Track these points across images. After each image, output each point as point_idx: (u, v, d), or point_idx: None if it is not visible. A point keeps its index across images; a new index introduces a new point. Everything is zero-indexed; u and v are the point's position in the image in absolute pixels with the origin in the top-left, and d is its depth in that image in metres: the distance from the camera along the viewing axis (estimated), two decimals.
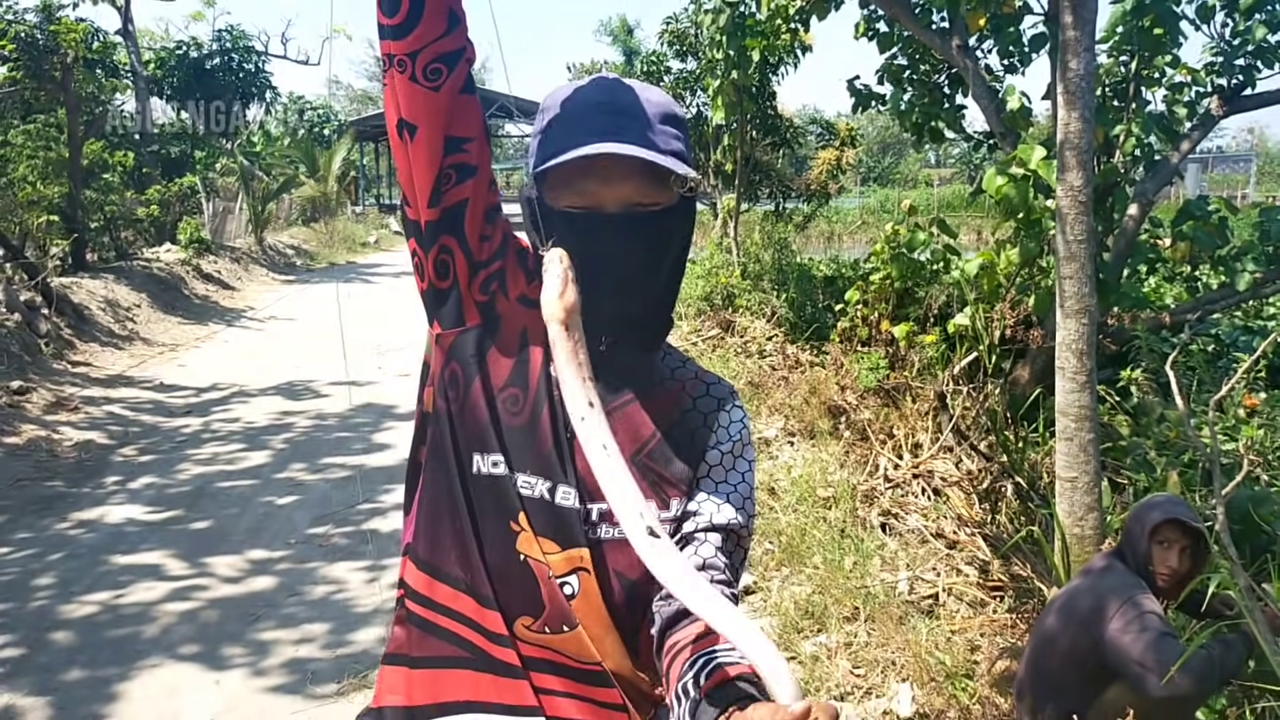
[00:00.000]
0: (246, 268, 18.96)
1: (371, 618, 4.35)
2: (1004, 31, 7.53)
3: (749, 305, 10.29)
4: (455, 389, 1.31)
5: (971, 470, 5.42)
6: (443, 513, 1.31)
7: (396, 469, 6.59)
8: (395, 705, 1.34)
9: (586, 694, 1.28)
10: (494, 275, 1.31)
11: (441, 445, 1.32)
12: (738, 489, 1.34)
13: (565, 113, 1.26)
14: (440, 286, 1.31)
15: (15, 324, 9.69)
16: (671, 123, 1.27)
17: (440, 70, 1.18)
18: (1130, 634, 2.78)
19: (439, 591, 1.32)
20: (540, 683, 1.27)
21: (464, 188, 1.25)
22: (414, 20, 1.16)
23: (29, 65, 12.67)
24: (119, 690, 3.73)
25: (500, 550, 1.27)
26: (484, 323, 1.32)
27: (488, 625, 1.28)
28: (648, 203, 1.25)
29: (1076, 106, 3.36)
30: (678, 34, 13.94)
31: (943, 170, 53.22)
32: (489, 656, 1.29)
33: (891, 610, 3.92)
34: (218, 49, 23.69)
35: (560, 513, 1.27)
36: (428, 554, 1.33)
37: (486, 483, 1.28)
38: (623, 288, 1.27)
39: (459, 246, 1.28)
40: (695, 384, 1.39)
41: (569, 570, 1.26)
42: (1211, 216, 6.84)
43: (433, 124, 1.21)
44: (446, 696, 1.30)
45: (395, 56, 1.18)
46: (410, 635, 1.35)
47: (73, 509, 5.81)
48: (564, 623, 1.26)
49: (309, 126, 35.26)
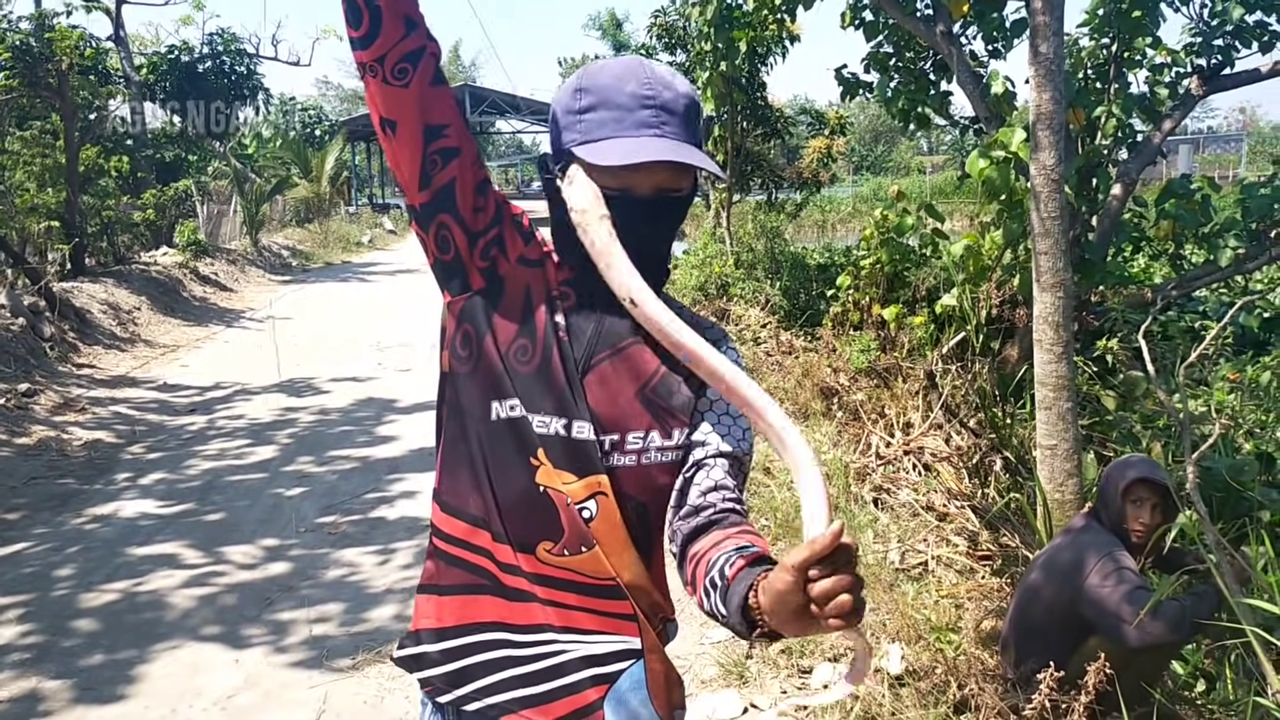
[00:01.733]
0: (243, 269, 19.08)
1: (384, 597, 4.50)
2: (987, 17, 7.67)
3: (743, 294, 10.43)
4: (468, 348, 1.46)
5: (961, 446, 5.58)
6: (461, 461, 1.48)
7: (400, 459, 6.74)
8: (428, 627, 1.53)
9: (601, 608, 1.45)
10: (492, 242, 1.46)
11: (458, 401, 1.48)
12: (737, 420, 1.50)
13: (608, 101, 1.40)
14: (444, 259, 1.46)
15: (20, 328, 9.83)
16: (696, 114, 1.44)
17: (406, 69, 1.33)
18: (1107, 588, 2.94)
19: (460, 529, 1.49)
20: (558, 599, 1.44)
21: (450, 169, 1.40)
22: (375, 29, 1.31)
23: (24, 73, 12.79)
24: (141, 671, 3.88)
25: (521, 484, 1.42)
26: (488, 285, 1.46)
27: (500, 557, 1.46)
28: (673, 188, 1.44)
29: (1048, 88, 3.51)
30: (666, 27, 14.05)
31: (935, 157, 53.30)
32: (501, 584, 1.46)
33: (883, 578, 4.07)
34: (208, 52, 23.76)
35: (577, 445, 1.41)
36: (450, 496, 1.51)
37: (504, 426, 1.43)
38: (647, 257, 1.42)
39: (454, 221, 1.43)
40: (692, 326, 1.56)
41: (587, 496, 1.41)
42: (1194, 194, 6.98)
43: (409, 118, 1.36)
44: (470, 618, 1.49)
45: (366, 63, 1.33)
46: (438, 567, 1.53)
47: (87, 505, 5.95)
48: (582, 544, 1.42)
49: (301, 127, 35.32)
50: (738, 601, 1.20)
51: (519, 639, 1.46)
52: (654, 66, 1.45)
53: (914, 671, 3.35)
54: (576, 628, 1.45)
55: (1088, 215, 6.88)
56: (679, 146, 1.39)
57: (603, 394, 1.44)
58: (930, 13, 7.48)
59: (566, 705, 1.46)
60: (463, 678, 1.49)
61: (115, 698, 3.70)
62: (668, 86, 1.42)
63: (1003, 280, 6.39)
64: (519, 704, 1.47)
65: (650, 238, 1.44)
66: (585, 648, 1.45)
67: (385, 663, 3.88)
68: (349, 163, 35.99)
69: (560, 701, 1.46)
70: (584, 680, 1.45)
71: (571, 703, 1.46)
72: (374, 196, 43.28)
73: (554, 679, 1.46)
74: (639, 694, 1.47)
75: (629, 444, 1.45)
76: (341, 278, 19.89)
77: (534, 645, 1.46)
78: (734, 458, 1.47)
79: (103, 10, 18.49)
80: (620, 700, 1.46)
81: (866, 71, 9.18)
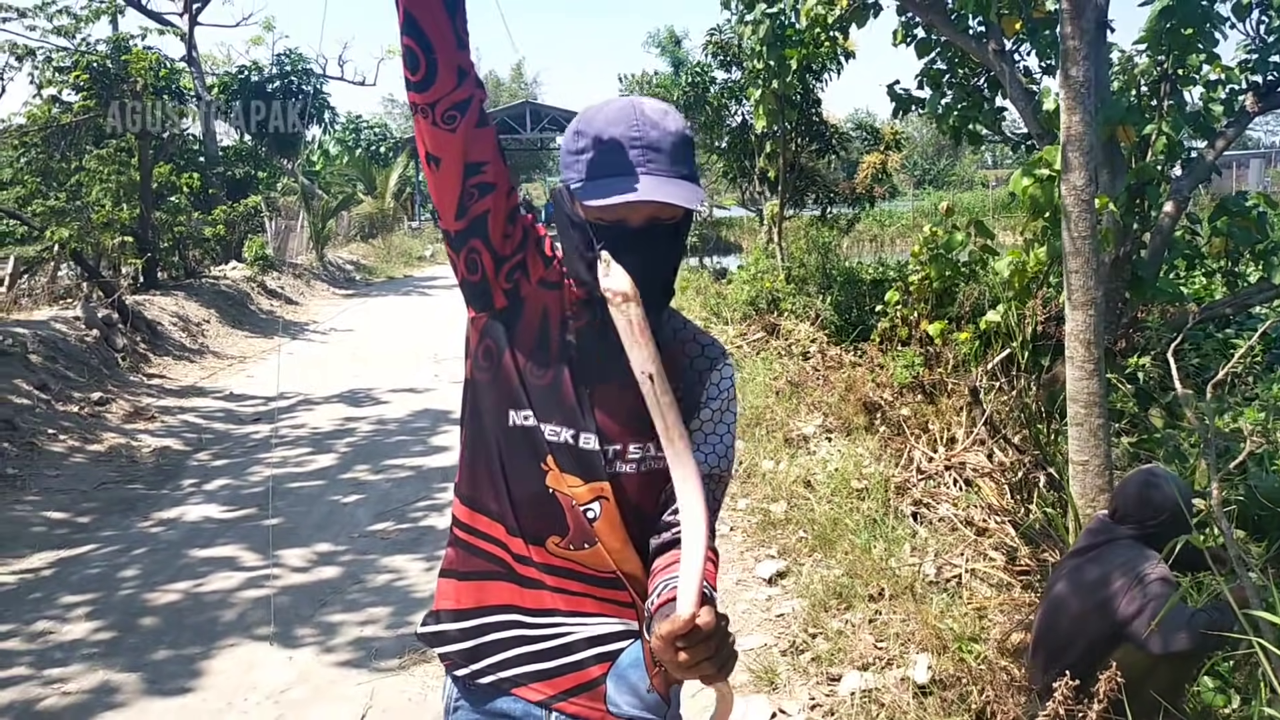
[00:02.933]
0: (308, 283, 19.56)
1: (429, 602, 4.64)
2: (1039, 35, 7.69)
3: (793, 309, 10.50)
4: (489, 360, 1.62)
5: (1004, 462, 5.59)
6: (480, 460, 1.64)
7: (452, 469, 6.88)
8: (448, 608, 1.69)
9: (604, 595, 1.62)
10: (516, 266, 1.60)
11: (479, 406, 1.64)
12: (723, 439, 1.65)
13: (601, 145, 1.53)
14: (471, 279, 1.60)
15: (94, 339, 10.23)
16: (686, 147, 1.56)
17: (455, 116, 1.46)
18: (1133, 594, 2.98)
19: (478, 521, 1.65)
20: (564, 586, 1.61)
21: (485, 201, 1.54)
22: (431, 78, 1.44)
23: (101, 94, 13.31)
24: (202, 666, 4.08)
25: (532, 485, 1.59)
26: (509, 305, 1.60)
27: (513, 548, 1.62)
28: (666, 218, 1.56)
29: (1078, 111, 3.57)
30: (721, 45, 14.19)
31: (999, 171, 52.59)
32: (515, 572, 1.62)
33: (915, 590, 4.14)
34: (277, 72, 24.41)
35: (583, 454, 1.57)
36: (469, 492, 1.66)
37: (519, 433, 1.59)
38: (645, 281, 1.52)
39: (484, 247, 1.57)
40: (692, 344, 1.69)
41: (592, 499, 1.58)
42: (1250, 211, 6.92)
43: (453, 157, 1.50)
44: (486, 601, 1.65)
45: (419, 105, 1.46)
46: (458, 555, 1.69)
47: (153, 509, 6.21)
48: (585, 541, 1.59)
49: (366, 145, 36.01)
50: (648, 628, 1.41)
51: (530, 620, 1.62)
52: (644, 107, 1.56)
53: (939, 681, 3.42)
54: (582, 611, 1.61)
55: (1139, 233, 6.85)
56: (661, 184, 1.50)
57: (608, 408, 1.59)
58: (983, 30, 7.52)
59: (572, 680, 1.62)
60: (478, 654, 1.64)
61: (177, 690, 3.90)
62: (655, 126, 1.53)
63: (1049, 297, 6.39)
64: (529, 678, 1.62)
65: (648, 264, 1.55)
66: (590, 629, 1.62)
67: (430, 663, 4.03)
68: (412, 179, 36.57)
69: (567, 676, 1.62)
70: (589, 658, 1.62)
71: (577, 677, 1.62)
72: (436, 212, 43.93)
73: (561, 656, 1.62)
74: (638, 670, 1.62)
75: (630, 454, 1.60)
76: (403, 291, 20.29)
77: (543, 627, 1.62)
78: (712, 477, 1.62)
79: (176, 34, 19.10)
80: (621, 675, 1.62)
81: (920, 88, 9.23)
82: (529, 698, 1.62)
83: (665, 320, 1.68)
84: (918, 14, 8.09)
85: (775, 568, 4.77)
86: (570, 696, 1.62)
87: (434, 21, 1.41)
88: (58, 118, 13.41)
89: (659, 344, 1.58)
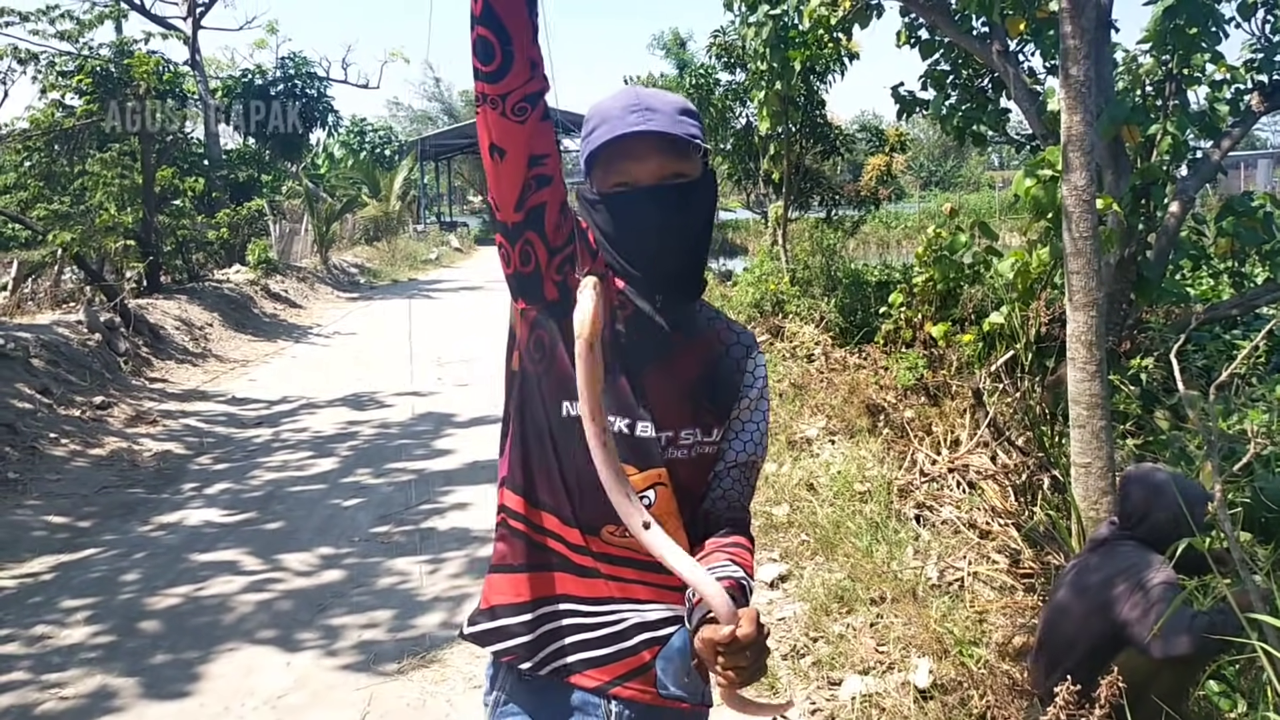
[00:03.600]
0: (312, 286, 19.57)
1: (432, 605, 4.64)
2: (1043, 35, 7.65)
3: (798, 311, 10.47)
4: (541, 351, 1.62)
5: (1008, 464, 5.56)
6: (534, 452, 1.65)
7: (455, 473, 6.91)
8: (506, 602, 1.67)
9: (655, 580, 1.63)
10: (567, 258, 1.60)
11: (531, 398, 1.64)
12: (759, 426, 1.71)
13: (605, 116, 1.59)
14: (524, 271, 1.59)
15: (96, 343, 10.23)
16: (687, 114, 1.60)
17: (525, 109, 1.46)
18: (1136, 602, 2.95)
19: (533, 512, 1.66)
20: (619, 574, 1.64)
21: (543, 193, 1.53)
22: (505, 70, 1.43)
23: (104, 98, 13.32)
24: (200, 671, 4.07)
25: (590, 475, 1.52)
26: (560, 297, 1.59)
27: (568, 538, 1.64)
28: (675, 174, 1.58)
29: (1078, 110, 3.54)
30: (725, 47, 14.16)
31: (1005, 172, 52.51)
32: (570, 561, 1.64)
33: (917, 593, 4.11)
34: (281, 76, 24.44)
35: (639, 442, 1.60)
36: (522, 483, 1.66)
37: (573, 423, 1.56)
38: (664, 248, 1.58)
39: (539, 239, 1.56)
40: (727, 332, 1.73)
41: (648, 485, 1.60)
42: (1255, 212, 6.88)
43: (518, 149, 1.49)
44: (543, 592, 1.66)
45: (488, 96, 1.45)
46: (511, 548, 1.68)
47: (154, 513, 6.20)
48: None
49: (370, 148, 36.06)
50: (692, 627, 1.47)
51: (586, 609, 1.65)
52: (646, 89, 1.64)
53: (940, 685, 3.39)
54: (634, 598, 1.65)
55: (1145, 233, 6.81)
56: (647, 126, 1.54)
57: (659, 395, 1.62)
58: (986, 31, 7.49)
59: (626, 665, 1.65)
60: (540, 644, 1.65)
61: (176, 695, 3.89)
62: (654, 95, 1.60)
63: (1052, 298, 6.36)
64: (585, 665, 1.65)
65: (661, 223, 1.58)
66: (640, 615, 1.65)
67: (430, 667, 4.01)
68: (417, 182, 36.63)
69: (622, 662, 1.65)
70: (640, 643, 1.65)
71: (631, 662, 1.65)
72: (442, 215, 43.99)
73: (617, 643, 1.65)
74: (683, 655, 1.65)
75: (682, 439, 1.63)
76: (408, 294, 20.29)
77: (599, 614, 1.65)
78: (750, 465, 1.70)
79: (179, 37, 19.13)
80: (669, 659, 1.66)
81: (924, 89, 9.20)
82: (585, 685, 1.65)
83: (698, 310, 1.72)
84: (921, 15, 8.06)
85: (777, 571, 4.73)
86: (625, 681, 1.65)
87: (514, 12, 1.41)
88: (61, 122, 13.43)
89: (695, 331, 1.67)
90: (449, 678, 3.95)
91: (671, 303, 1.65)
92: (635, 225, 1.58)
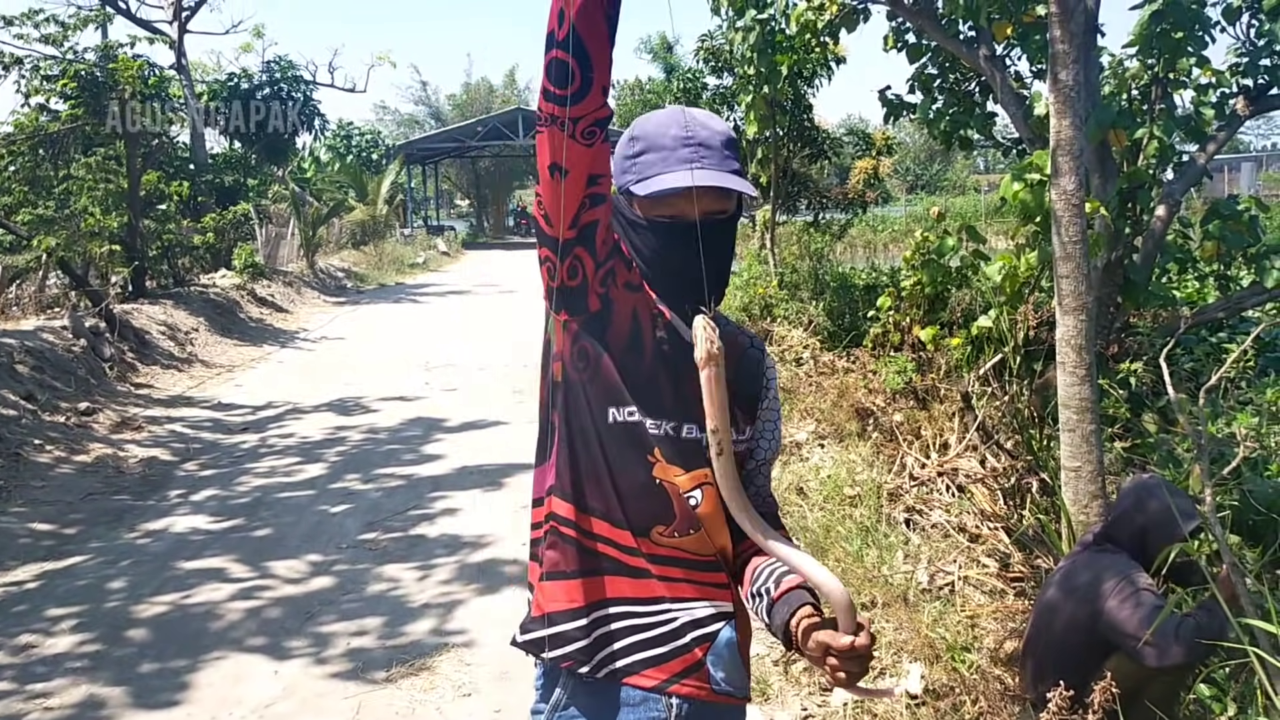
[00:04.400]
0: (299, 291, 19.48)
1: (421, 612, 4.62)
2: (1030, 39, 7.67)
3: (786, 315, 10.47)
4: (585, 360, 1.67)
5: (997, 468, 5.57)
6: (582, 458, 1.69)
7: (443, 478, 6.88)
8: (562, 609, 1.70)
9: (703, 579, 1.70)
10: (609, 271, 1.65)
11: (576, 406, 1.68)
12: (777, 425, 1.83)
13: (654, 144, 1.66)
14: (570, 284, 1.63)
15: (81, 349, 10.17)
16: (732, 148, 1.68)
17: (595, 133, 1.50)
18: (1126, 609, 2.94)
19: (583, 518, 1.69)
20: (668, 574, 1.68)
21: (596, 211, 1.58)
22: (582, 95, 1.45)
23: (89, 102, 13.23)
24: (188, 680, 4.03)
25: (639, 478, 1.67)
26: (603, 308, 1.66)
27: (620, 541, 1.68)
28: (719, 210, 1.67)
29: (1068, 115, 3.55)
30: (713, 51, 14.15)
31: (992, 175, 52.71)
32: (623, 564, 1.69)
33: (908, 598, 4.10)
34: (267, 79, 24.36)
35: (685, 444, 1.67)
36: (571, 489, 1.70)
37: (621, 429, 1.66)
38: (699, 270, 1.64)
39: (588, 254, 1.61)
40: (742, 337, 1.83)
41: (694, 486, 1.67)
42: (1241, 215, 6.90)
43: (581, 169, 1.52)
44: (598, 595, 1.69)
45: (559, 118, 1.47)
46: (564, 555, 1.71)
47: (140, 520, 6.16)
48: (690, 526, 1.68)
49: (357, 152, 35.96)
50: (780, 621, 1.59)
51: (641, 610, 1.68)
52: (692, 111, 1.69)
53: (933, 691, 3.38)
54: (684, 597, 1.69)
55: (1131, 237, 6.84)
56: (713, 174, 1.62)
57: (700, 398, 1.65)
58: (973, 35, 7.51)
59: (680, 663, 1.69)
60: (597, 647, 1.68)
61: (163, 704, 3.86)
62: (704, 126, 1.66)
63: (1040, 302, 6.37)
64: (643, 664, 1.68)
65: (708, 255, 1.65)
66: (690, 613, 1.69)
67: (419, 675, 3.99)
68: (405, 186, 36.51)
69: (677, 660, 1.69)
70: (692, 640, 1.69)
71: (685, 660, 1.69)
72: (429, 219, 43.89)
73: (671, 641, 1.69)
74: (730, 649, 1.71)
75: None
76: (394, 299, 20.24)
77: (653, 614, 1.68)
78: (772, 460, 1.84)
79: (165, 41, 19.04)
80: (718, 654, 1.70)
81: (911, 93, 9.22)
82: (644, 685, 1.68)
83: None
84: (908, 19, 8.08)
85: None
86: (681, 679, 1.68)
87: (600, 42, 1.43)
88: (45, 126, 13.31)
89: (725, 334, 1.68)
90: (438, 685, 3.93)
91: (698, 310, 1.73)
92: (677, 252, 1.65)
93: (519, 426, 8.17)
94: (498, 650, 4.14)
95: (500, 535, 5.64)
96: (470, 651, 4.21)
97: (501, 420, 8.58)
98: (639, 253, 1.69)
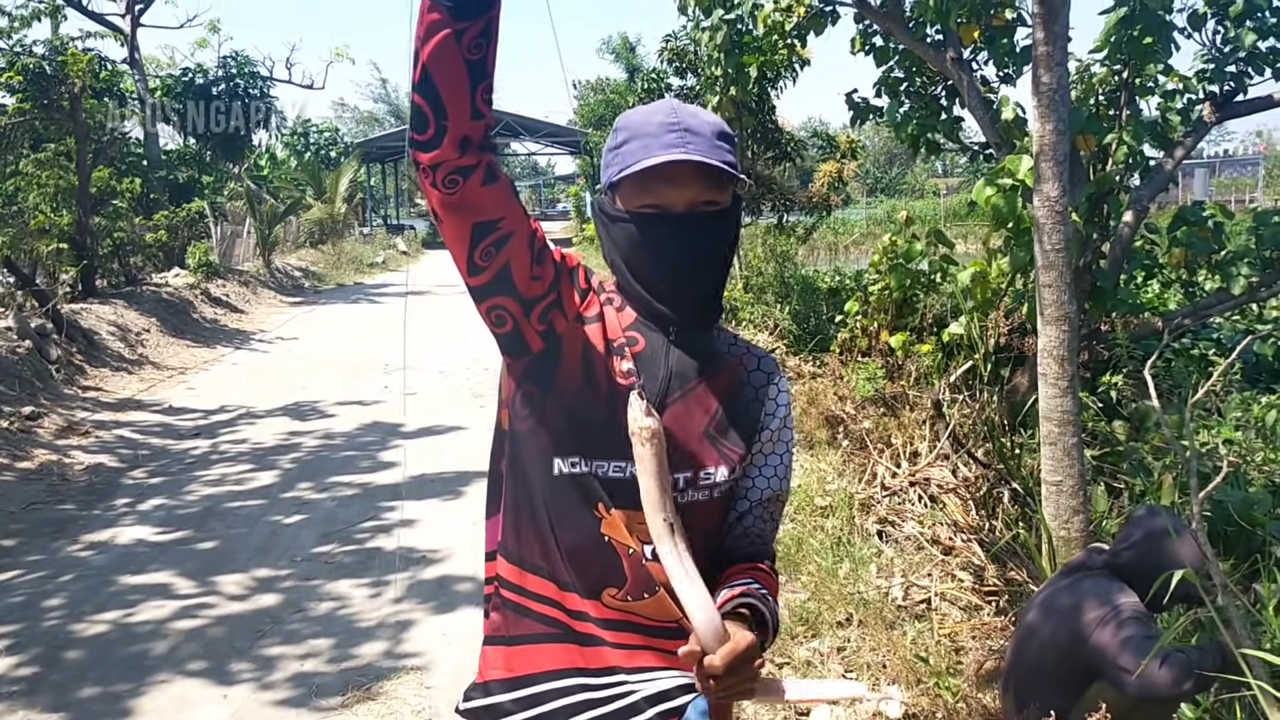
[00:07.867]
0: (255, 291, 19.12)
1: (375, 632, 4.43)
2: (997, 43, 7.61)
3: (752, 318, 10.37)
4: (529, 407, 1.52)
5: (969, 477, 5.48)
6: (525, 514, 1.54)
7: (400, 487, 6.68)
8: (498, 678, 1.56)
9: (663, 646, 1.50)
10: (550, 306, 1.49)
11: (520, 458, 1.54)
12: (783, 459, 1.61)
13: (638, 132, 1.49)
14: (500, 332, 1.50)
15: (26, 350, 9.83)
16: (724, 139, 1.51)
17: (456, 180, 1.37)
18: (1108, 635, 2.83)
19: (527, 580, 1.55)
20: (623, 640, 1.50)
21: (503, 255, 1.43)
22: (436, 142, 1.34)
23: (37, 96, 12.87)
24: (130, 705, 3.82)
25: (584, 535, 1.49)
26: (547, 346, 1.51)
27: (568, 605, 1.52)
28: (708, 201, 1.48)
29: (1050, 119, 3.44)
30: (677, 51, 14.05)
31: (950, 179, 53.15)
32: (571, 630, 1.52)
33: (884, 615, 3.98)
34: (223, 75, 23.93)
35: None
36: (515, 549, 1.56)
37: (566, 481, 1.49)
38: (687, 276, 1.49)
39: (509, 299, 1.46)
40: (749, 358, 1.63)
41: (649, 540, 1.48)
42: (1206, 222, 6.89)
43: (454, 218, 1.40)
44: (544, 666, 1.53)
45: (421, 164, 1.37)
46: (506, 619, 1.58)
47: (84, 531, 5.90)
48: (645, 590, 1.49)
49: (315, 149, 35.50)
50: None
51: (594, 682, 1.52)
52: (682, 104, 1.54)
53: (912, 715, 3.26)
54: (644, 667, 1.51)
55: (1099, 242, 6.79)
56: (690, 155, 1.44)
57: (677, 432, 1.50)
58: (940, 38, 7.44)
59: None
60: None
61: None
62: (693, 115, 1.50)
63: (1011, 308, 6.30)
64: None
65: (689, 251, 1.48)
66: (652, 685, 1.51)
67: (375, 700, 3.81)
68: (364, 184, 36.07)
69: None
70: (655, 716, 1.51)
71: None
72: (389, 217, 43.43)
73: (629, 717, 1.50)
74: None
75: (702, 479, 1.52)
76: (352, 299, 19.93)
77: (607, 687, 1.51)
78: (775, 499, 1.61)
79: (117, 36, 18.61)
80: None
81: (878, 96, 9.14)
82: None
83: (716, 335, 1.62)
84: (875, 21, 7.99)
85: None
86: None
87: (454, 89, 1.31)
88: None
89: (714, 362, 1.56)
90: (396, 710, 3.74)
91: (690, 333, 1.56)
92: (660, 248, 1.48)
93: (478, 432, 7.98)
94: (456, 673, 3.97)
95: (456, 549, 5.45)
96: (428, 675, 4.03)
97: (460, 425, 8.38)
98: (621, 254, 1.52)
